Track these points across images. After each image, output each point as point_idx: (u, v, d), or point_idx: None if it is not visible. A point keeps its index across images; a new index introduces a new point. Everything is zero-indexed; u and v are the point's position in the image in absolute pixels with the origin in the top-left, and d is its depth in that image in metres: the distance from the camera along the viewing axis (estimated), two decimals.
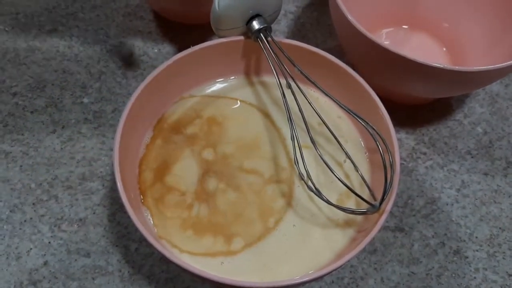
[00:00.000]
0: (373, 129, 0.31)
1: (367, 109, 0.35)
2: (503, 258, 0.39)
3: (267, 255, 0.31)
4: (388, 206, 0.30)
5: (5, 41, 0.48)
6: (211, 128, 0.36)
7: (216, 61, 0.37)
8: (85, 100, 0.44)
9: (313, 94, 0.38)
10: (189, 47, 0.36)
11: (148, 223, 0.32)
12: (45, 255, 0.37)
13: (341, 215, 0.33)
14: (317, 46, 0.37)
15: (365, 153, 0.36)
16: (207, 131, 0.36)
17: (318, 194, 0.31)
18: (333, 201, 0.32)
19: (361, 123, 0.31)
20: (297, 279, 0.27)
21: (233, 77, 0.38)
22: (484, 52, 0.46)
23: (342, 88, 0.36)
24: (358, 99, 0.35)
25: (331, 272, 0.27)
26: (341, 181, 0.30)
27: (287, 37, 0.50)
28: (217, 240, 0.31)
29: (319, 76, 0.36)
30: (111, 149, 0.41)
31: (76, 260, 0.37)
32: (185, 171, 0.34)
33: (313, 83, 0.33)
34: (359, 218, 0.33)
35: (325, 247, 0.31)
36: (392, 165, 0.30)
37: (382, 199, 0.30)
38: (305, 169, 0.32)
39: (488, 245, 0.40)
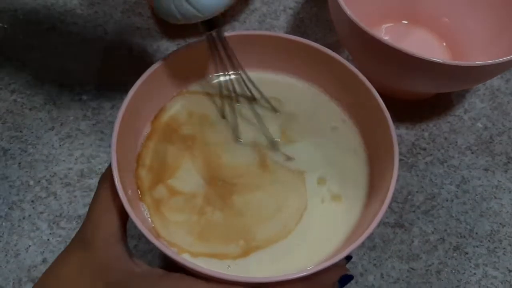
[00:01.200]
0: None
1: (366, 105, 0.34)
2: (504, 254, 0.39)
3: (272, 255, 0.31)
4: (387, 200, 0.29)
5: (4, 38, 0.48)
6: (210, 125, 0.35)
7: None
8: (84, 97, 0.44)
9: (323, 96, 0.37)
10: (187, 43, 0.35)
11: (147, 220, 0.32)
12: (43, 252, 0.37)
13: (339, 211, 0.33)
14: (316, 42, 0.36)
15: (364, 150, 0.35)
16: (206, 129, 0.35)
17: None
18: None
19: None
20: (292, 274, 0.27)
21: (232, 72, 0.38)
22: (484, 47, 0.45)
23: (341, 83, 0.36)
24: (357, 94, 0.35)
25: (317, 271, 0.27)
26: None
27: (287, 33, 0.49)
28: (229, 245, 0.31)
29: (318, 71, 0.36)
30: (110, 146, 0.41)
31: None
32: (189, 173, 0.33)
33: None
34: (355, 215, 0.32)
35: (322, 243, 0.31)
36: None
37: None
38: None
39: (489, 241, 0.39)
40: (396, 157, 0.31)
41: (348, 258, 0.28)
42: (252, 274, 0.29)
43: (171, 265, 0.27)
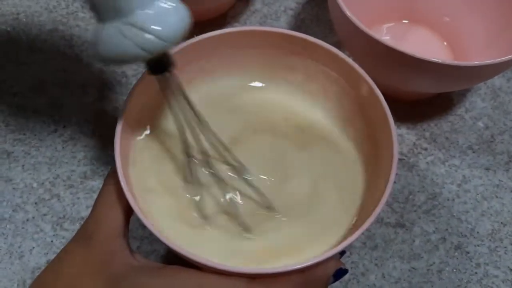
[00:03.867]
0: None
1: (368, 104, 0.34)
2: (505, 253, 0.39)
3: (271, 249, 0.31)
4: (385, 196, 0.29)
5: (6, 41, 0.48)
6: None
7: (218, 55, 0.36)
8: (86, 99, 0.45)
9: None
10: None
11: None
12: (47, 253, 0.38)
13: (337, 208, 0.33)
14: None
15: (364, 149, 0.35)
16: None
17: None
18: None
19: None
20: (289, 266, 0.27)
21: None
22: (486, 46, 0.45)
23: (344, 81, 0.36)
24: (359, 93, 0.35)
25: (313, 264, 0.27)
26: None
27: None
28: None
29: (321, 69, 0.36)
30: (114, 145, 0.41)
31: None
32: None
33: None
34: (353, 212, 0.32)
35: (320, 238, 0.31)
36: None
37: None
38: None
39: (490, 240, 0.39)
40: (396, 155, 0.31)
41: (342, 252, 0.28)
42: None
43: (174, 264, 0.28)
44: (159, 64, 0.27)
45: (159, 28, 0.25)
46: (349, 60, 0.34)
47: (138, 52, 0.25)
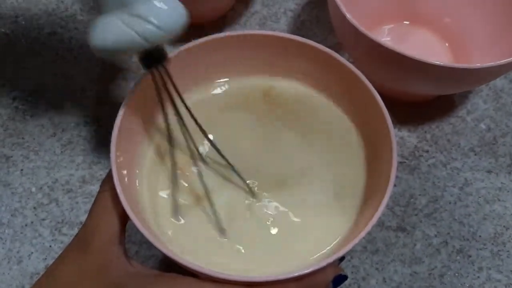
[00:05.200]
0: None
1: (367, 106, 0.34)
2: (507, 257, 0.39)
3: (268, 255, 0.31)
4: (384, 200, 0.29)
5: (5, 44, 0.48)
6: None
7: (216, 59, 0.36)
8: (85, 102, 0.44)
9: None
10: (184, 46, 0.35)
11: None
12: (46, 258, 0.37)
13: (336, 212, 0.32)
14: None
15: (363, 152, 0.35)
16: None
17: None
18: None
19: None
20: (286, 274, 0.26)
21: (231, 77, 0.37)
22: (488, 47, 0.45)
23: (342, 84, 0.35)
24: (358, 95, 0.35)
25: (311, 271, 0.26)
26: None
27: None
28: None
29: (319, 72, 0.36)
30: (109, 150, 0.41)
31: None
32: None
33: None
34: (353, 216, 0.32)
35: (318, 243, 0.31)
36: None
37: None
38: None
39: (492, 243, 0.39)
40: (395, 158, 0.30)
41: (341, 258, 0.28)
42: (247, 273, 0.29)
43: (171, 270, 0.28)
44: (153, 57, 0.28)
45: (159, 19, 0.26)
46: (347, 63, 0.34)
47: (136, 40, 0.26)
